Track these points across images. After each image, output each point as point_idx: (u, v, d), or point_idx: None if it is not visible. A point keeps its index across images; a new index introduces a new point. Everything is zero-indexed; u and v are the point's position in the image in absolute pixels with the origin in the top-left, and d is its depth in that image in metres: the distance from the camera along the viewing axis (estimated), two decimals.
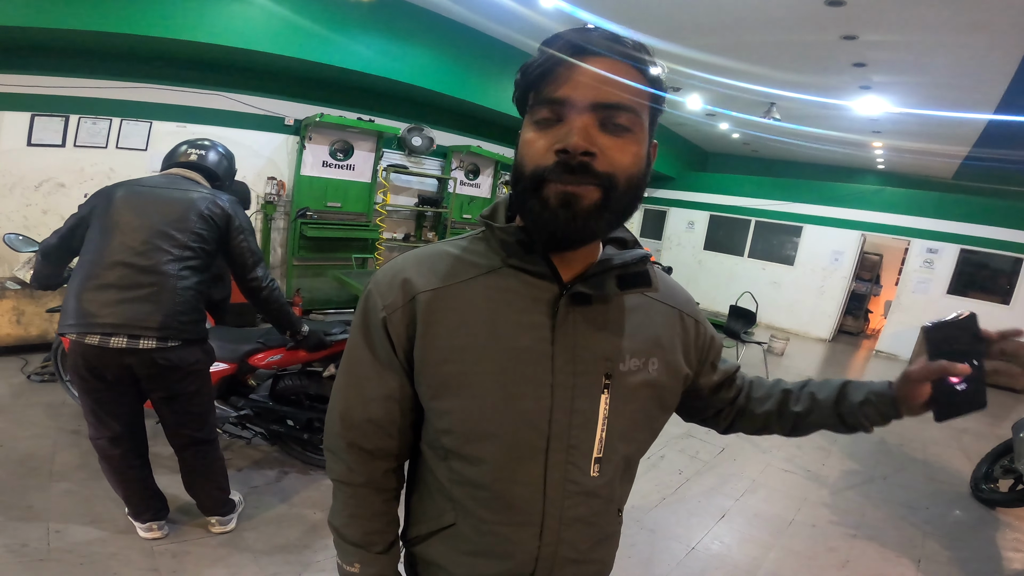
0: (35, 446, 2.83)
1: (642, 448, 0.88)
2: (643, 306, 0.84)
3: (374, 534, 0.86)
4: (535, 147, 0.69)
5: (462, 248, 0.81)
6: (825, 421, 0.92)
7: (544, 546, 0.78)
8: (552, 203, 0.68)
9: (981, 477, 3.70)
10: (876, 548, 2.95)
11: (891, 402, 0.85)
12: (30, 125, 4.36)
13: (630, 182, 0.70)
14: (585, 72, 0.67)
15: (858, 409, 0.88)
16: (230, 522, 2.41)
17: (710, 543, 2.83)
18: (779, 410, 0.95)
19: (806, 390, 0.94)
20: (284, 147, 5.82)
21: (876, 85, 5.78)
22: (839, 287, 9.25)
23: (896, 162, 9.47)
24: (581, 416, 0.76)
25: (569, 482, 0.76)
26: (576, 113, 0.67)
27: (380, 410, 0.80)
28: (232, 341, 2.79)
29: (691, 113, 8.12)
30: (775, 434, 0.99)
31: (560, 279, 0.76)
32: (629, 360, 0.79)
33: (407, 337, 0.77)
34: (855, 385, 0.90)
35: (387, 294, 0.77)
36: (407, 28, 5.44)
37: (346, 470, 0.84)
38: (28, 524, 2.24)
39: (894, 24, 4.32)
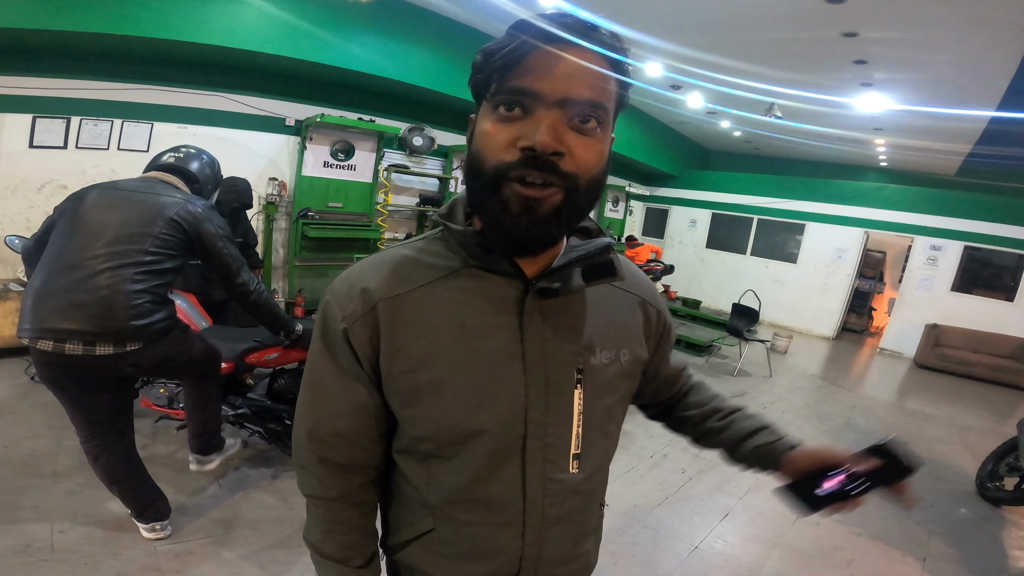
0: (38, 447, 2.83)
1: (616, 440, 0.87)
2: (610, 296, 0.82)
3: (352, 548, 0.83)
4: (496, 141, 0.65)
5: (420, 250, 0.77)
6: (728, 453, 0.96)
7: (527, 546, 0.76)
8: (513, 208, 0.65)
9: (986, 475, 3.69)
10: (881, 547, 2.94)
11: (775, 462, 0.88)
12: (32, 127, 4.36)
13: (591, 183, 0.67)
14: (557, 64, 0.63)
15: (752, 455, 0.91)
16: (210, 462, 2.46)
17: (713, 542, 2.82)
18: (698, 420, 0.99)
19: (735, 416, 0.98)
20: (285, 148, 5.82)
21: (877, 82, 5.76)
22: (842, 285, 9.23)
23: (898, 159, 9.43)
24: (556, 413, 0.74)
25: (549, 480, 0.75)
26: (544, 108, 0.63)
27: (349, 423, 0.77)
28: (229, 340, 2.79)
29: (692, 111, 8.10)
30: (685, 437, 1.03)
31: (524, 276, 0.74)
32: (600, 353, 0.78)
33: (371, 347, 0.73)
34: (768, 432, 0.92)
35: (346, 304, 0.74)
36: (407, 28, 5.44)
37: (318, 485, 0.81)
38: (32, 524, 2.25)
39: (895, 21, 4.30)
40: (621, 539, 2.74)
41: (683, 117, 8.96)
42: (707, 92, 7.08)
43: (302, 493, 0.84)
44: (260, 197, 5.69)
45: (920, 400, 6.04)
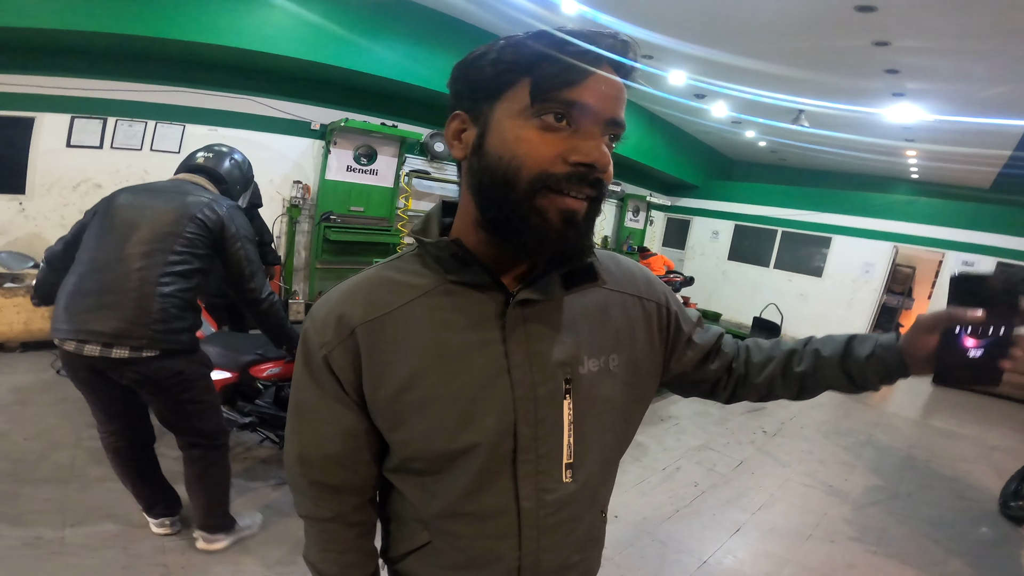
0: (57, 440, 2.92)
1: (620, 447, 0.85)
2: (598, 301, 0.80)
3: (350, 568, 0.83)
4: (540, 151, 0.63)
5: (397, 269, 0.76)
6: (832, 379, 0.85)
7: (525, 556, 0.76)
8: (553, 219, 0.64)
9: (1011, 494, 3.57)
10: (896, 566, 2.86)
11: (897, 354, 0.79)
12: (70, 126, 4.53)
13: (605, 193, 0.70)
14: (609, 85, 0.65)
15: (864, 364, 0.81)
16: (216, 541, 2.26)
17: (723, 557, 2.78)
18: (783, 372, 0.89)
19: (809, 347, 0.88)
20: (310, 151, 5.94)
21: (910, 92, 5.65)
22: (869, 300, 9.01)
23: (930, 171, 9.20)
24: (545, 426, 0.73)
25: (543, 491, 0.74)
26: (594, 124, 0.64)
27: (337, 445, 0.77)
28: (232, 349, 2.81)
29: (717, 121, 8.04)
30: (782, 398, 0.92)
31: (504, 288, 0.72)
32: (588, 361, 0.76)
33: (353, 372, 0.72)
34: (861, 338, 0.84)
35: (323, 332, 0.73)
36: (432, 34, 5.53)
37: (312, 507, 0.81)
38: (44, 517, 2.31)
39: (928, 30, 4.22)
40: (629, 551, 2.72)
41: (707, 127, 8.89)
42: (733, 101, 7.02)
43: (298, 514, 0.85)
44: (284, 200, 5.83)
45: (946, 418, 5.86)
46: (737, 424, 4.65)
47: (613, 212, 10.26)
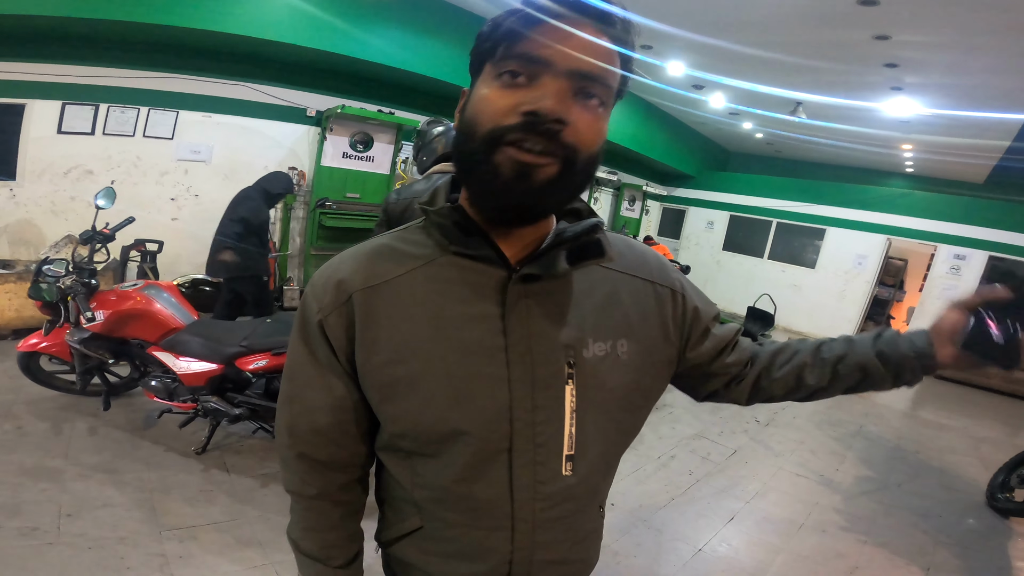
0: (51, 429, 2.92)
1: (624, 440, 0.81)
2: (606, 282, 0.76)
3: (332, 547, 0.81)
4: (496, 105, 0.62)
5: (400, 239, 0.75)
6: (865, 361, 0.80)
7: (517, 550, 0.73)
8: (505, 172, 0.61)
9: (997, 486, 3.64)
10: (886, 555, 2.92)
11: (925, 334, 0.78)
12: (61, 113, 4.47)
13: (589, 159, 0.65)
14: (569, 35, 0.60)
15: (896, 340, 0.79)
16: None
17: (717, 545, 2.83)
18: (813, 360, 0.84)
19: (838, 338, 0.86)
20: (306, 138, 5.89)
21: (908, 86, 5.66)
22: (861, 292, 9.09)
23: (925, 165, 9.25)
24: (545, 411, 0.70)
25: (539, 483, 0.71)
26: (552, 76, 0.60)
27: (326, 419, 0.75)
28: (215, 340, 2.80)
29: (714, 112, 8.02)
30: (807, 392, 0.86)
31: (507, 261, 0.69)
32: (593, 345, 0.72)
33: (347, 340, 0.71)
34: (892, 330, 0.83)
35: (322, 296, 0.71)
36: (428, 21, 5.46)
37: (299, 481, 0.79)
38: (40, 507, 2.31)
39: (929, 25, 4.22)
40: (624, 539, 2.76)
41: (704, 118, 8.87)
42: (731, 92, 7.00)
43: (285, 489, 0.83)
44: None
45: (935, 410, 5.96)
46: (730, 413, 4.70)
47: (609, 201, 10.25)
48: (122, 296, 2.89)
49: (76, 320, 2.85)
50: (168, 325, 2.86)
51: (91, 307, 2.79)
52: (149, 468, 2.71)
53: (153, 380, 2.88)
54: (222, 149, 5.35)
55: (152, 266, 4.69)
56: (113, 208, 3.14)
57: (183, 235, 5.23)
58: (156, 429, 3.06)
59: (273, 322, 2.95)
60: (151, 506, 2.43)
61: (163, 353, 2.83)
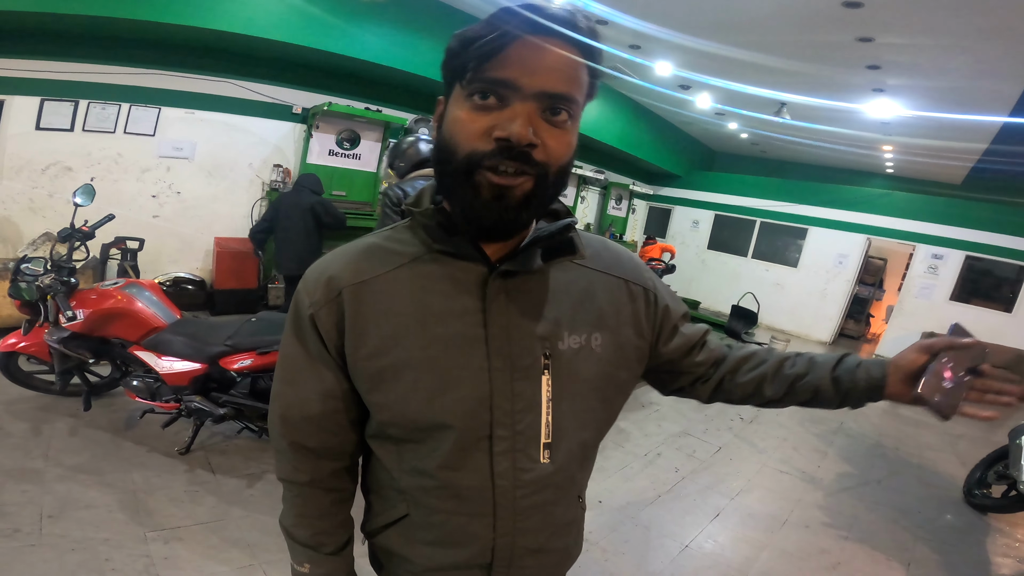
0: (30, 430, 2.86)
1: (599, 430, 0.85)
2: (582, 279, 0.80)
3: (323, 535, 0.85)
4: (470, 128, 0.65)
5: (387, 238, 0.79)
6: (820, 383, 0.86)
7: (499, 537, 0.77)
8: (484, 194, 0.66)
9: (974, 482, 3.72)
10: (867, 551, 2.98)
11: (883, 367, 0.84)
12: (39, 109, 4.38)
13: (560, 171, 0.69)
14: (536, 57, 0.63)
15: (854, 371, 0.85)
16: None
17: (704, 542, 2.86)
18: (774, 373, 0.90)
19: (803, 356, 0.91)
20: (291, 135, 5.83)
21: (889, 88, 5.75)
22: (842, 291, 9.23)
23: (905, 166, 9.42)
24: (523, 400, 0.74)
25: (519, 470, 0.75)
26: (520, 100, 0.63)
27: (318, 407, 0.78)
28: (199, 339, 2.76)
29: (700, 112, 8.09)
30: (762, 400, 0.92)
31: (487, 259, 0.74)
32: (568, 337, 0.76)
33: (337, 332, 0.75)
34: (853, 355, 0.88)
35: (313, 292, 0.75)
36: (416, 18, 5.43)
37: (291, 469, 0.83)
38: (21, 509, 2.27)
39: (912, 28, 4.29)
40: (612, 536, 2.78)
41: (690, 118, 8.94)
42: (717, 92, 7.06)
43: (277, 477, 0.87)
44: (264, 183, 5.72)
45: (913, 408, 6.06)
46: (715, 411, 4.75)
47: (596, 200, 10.29)
48: (102, 295, 2.84)
49: (55, 319, 2.80)
50: (150, 324, 2.82)
51: (71, 306, 2.74)
52: (132, 469, 2.67)
53: (135, 380, 2.83)
54: (205, 146, 5.27)
55: (133, 264, 4.62)
56: (93, 205, 3.08)
57: (165, 233, 5.15)
58: (138, 429, 3.01)
59: (258, 321, 2.92)
60: (135, 507, 2.40)
61: (145, 352, 2.78)
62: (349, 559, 0.89)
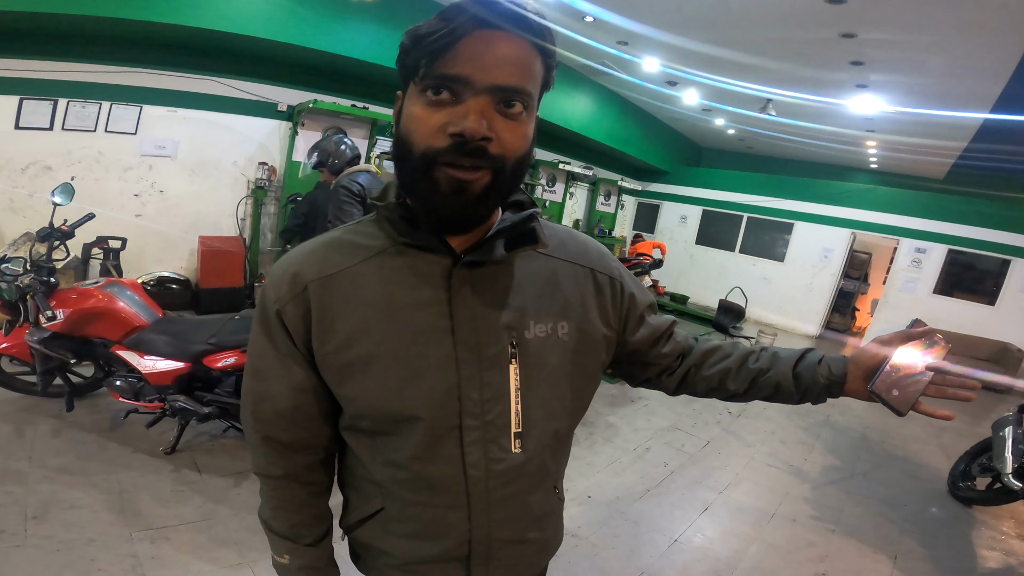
0: (13, 432, 2.81)
1: (570, 419, 0.85)
2: (547, 268, 0.81)
3: (301, 526, 0.86)
4: (425, 125, 0.65)
5: (354, 231, 0.79)
6: (782, 379, 0.89)
7: (475, 528, 0.77)
8: (443, 189, 0.66)
9: (959, 475, 3.76)
10: (854, 544, 3.01)
11: (843, 362, 0.86)
12: (18, 108, 4.31)
13: (518, 163, 0.69)
14: (486, 52, 0.63)
15: (815, 367, 0.87)
16: None
17: (692, 535, 2.88)
18: (738, 367, 0.92)
19: (767, 351, 0.93)
20: (276, 133, 5.77)
21: (872, 84, 5.81)
22: (828, 284, 9.32)
23: (889, 161, 9.52)
24: (491, 390, 0.74)
25: (491, 460, 0.75)
26: (473, 95, 0.64)
27: (289, 402, 0.78)
28: (182, 338, 2.73)
29: (687, 108, 8.12)
30: (726, 394, 0.94)
31: (452, 250, 0.74)
32: (535, 326, 0.77)
33: (304, 327, 0.74)
34: (814, 350, 0.91)
35: (279, 287, 0.75)
36: (402, 15, 5.40)
37: (265, 463, 0.84)
38: (5, 510, 2.23)
39: (894, 23, 4.33)
40: (602, 531, 2.79)
41: (677, 114, 8.97)
42: (703, 88, 7.10)
43: (253, 472, 0.87)
44: (249, 181, 5.66)
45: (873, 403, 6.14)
46: (703, 405, 4.78)
47: (585, 196, 10.31)
48: (83, 294, 2.80)
49: (36, 319, 2.75)
50: (132, 323, 2.78)
51: (51, 306, 2.69)
52: (117, 469, 2.63)
53: (118, 380, 2.79)
54: (189, 144, 5.20)
55: (115, 263, 4.55)
56: (73, 204, 3.03)
57: (147, 232, 5.08)
58: (123, 430, 2.97)
59: (241, 319, 2.89)
60: (120, 507, 2.37)
61: (127, 352, 2.74)
62: (328, 549, 0.90)
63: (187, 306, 5.25)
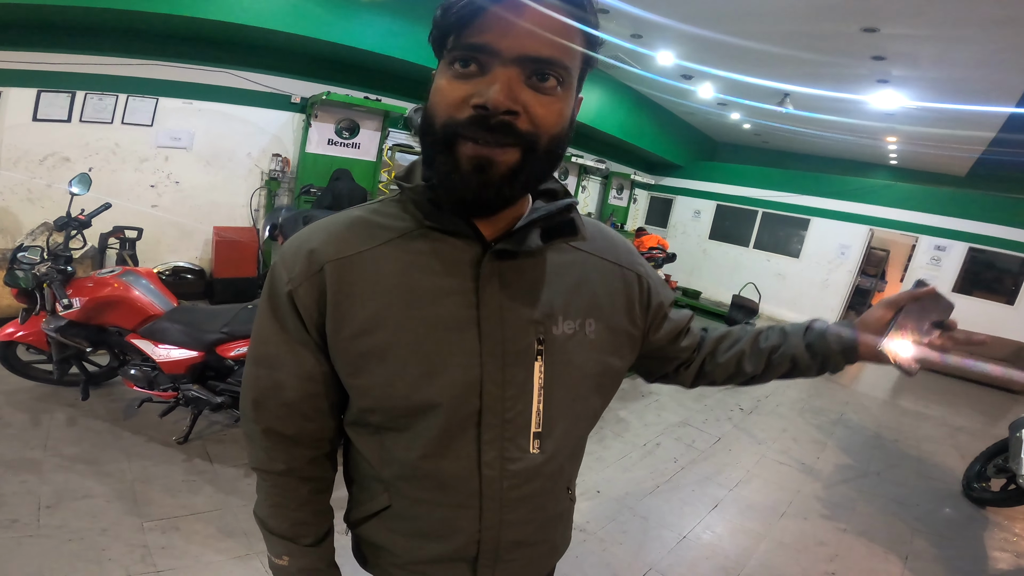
0: (29, 420, 2.86)
1: (591, 421, 0.82)
2: (577, 263, 0.77)
3: (302, 525, 0.80)
4: (449, 97, 0.61)
5: (374, 211, 0.74)
6: (795, 352, 0.86)
7: (485, 529, 0.74)
8: (464, 166, 0.62)
9: (974, 476, 3.70)
10: (865, 543, 2.98)
11: (851, 326, 0.85)
12: (36, 100, 4.37)
13: (552, 141, 0.64)
14: (515, 21, 0.59)
15: (824, 333, 0.85)
16: None
17: (702, 532, 2.86)
18: (751, 349, 0.89)
19: (775, 328, 0.91)
20: (290, 124, 5.80)
21: (894, 79, 5.69)
22: (843, 282, 9.20)
23: (909, 158, 9.34)
24: (514, 387, 0.70)
25: (507, 460, 0.71)
26: (500, 65, 0.59)
27: (296, 392, 0.73)
28: (195, 327, 2.75)
29: (702, 102, 8.02)
30: (744, 378, 0.92)
31: (482, 237, 0.69)
32: (563, 323, 0.73)
33: (317, 311, 0.69)
34: (820, 320, 0.89)
35: (292, 266, 0.70)
36: (415, 7, 5.38)
37: (265, 458, 0.78)
38: (19, 499, 2.27)
39: (917, 18, 4.23)
40: (611, 526, 2.78)
41: (692, 108, 8.87)
42: (719, 82, 7.00)
43: (250, 467, 0.81)
44: (263, 173, 5.71)
45: (914, 399, 6.06)
46: (715, 401, 4.75)
47: (597, 190, 10.25)
48: (99, 283, 2.84)
49: (52, 308, 2.79)
50: (147, 312, 2.81)
51: (67, 294, 2.73)
52: (130, 458, 2.67)
53: (132, 369, 2.83)
54: (204, 136, 5.25)
55: (131, 253, 4.61)
56: (90, 195, 3.07)
57: (163, 222, 5.14)
58: (136, 419, 3.01)
59: (254, 309, 2.90)
60: (132, 497, 2.40)
61: (142, 341, 2.78)
62: (330, 550, 0.85)
63: (201, 295, 5.31)
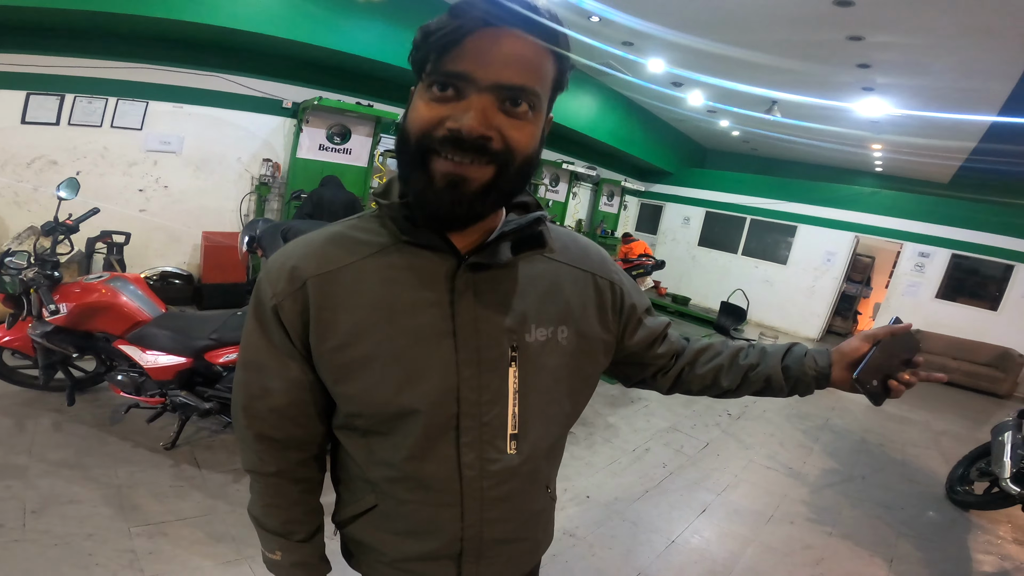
0: (12, 426, 2.83)
1: (565, 422, 0.86)
2: (549, 273, 0.81)
3: (293, 523, 0.85)
4: (426, 118, 0.65)
5: (354, 227, 0.77)
6: (771, 372, 0.91)
7: (467, 527, 0.78)
8: (438, 182, 0.65)
9: (957, 479, 3.76)
10: (850, 547, 3.01)
11: (827, 355, 0.90)
12: (25, 103, 4.33)
13: (525, 162, 0.68)
14: (491, 50, 0.62)
15: (802, 359, 0.90)
16: None
17: (690, 537, 2.88)
18: (730, 364, 0.94)
19: (755, 347, 0.96)
20: (281, 129, 5.79)
21: (879, 87, 5.79)
22: (830, 288, 9.30)
23: (894, 165, 9.49)
24: (490, 392, 0.74)
25: (486, 461, 0.75)
26: (476, 92, 0.63)
27: (284, 398, 0.77)
28: (184, 333, 2.74)
29: (692, 109, 8.11)
30: (719, 391, 0.96)
31: (456, 250, 0.73)
32: (535, 330, 0.77)
33: (301, 324, 0.73)
34: (800, 344, 0.94)
35: (276, 282, 0.74)
36: (408, 13, 5.40)
37: (257, 460, 0.82)
38: (4, 505, 2.24)
39: (902, 26, 4.32)
40: (600, 531, 2.79)
41: (682, 115, 8.96)
42: (709, 90, 7.08)
43: (243, 469, 0.86)
44: (253, 178, 5.68)
45: (897, 404, 6.12)
46: (703, 407, 4.78)
47: (588, 196, 10.31)
48: (86, 288, 2.82)
49: (39, 313, 2.77)
50: (135, 318, 2.80)
51: (54, 299, 2.71)
52: (117, 464, 2.65)
53: (119, 374, 2.81)
54: (194, 140, 5.22)
55: (119, 258, 4.58)
56: (78, 199, 3.05)
57: (151, 227, 5.10)
58: (123, 424, 2.99)
59: (243, 315, 2.89)
60: (119, 502, 2.38)
61: (129, 347, 2.76)
62: (320, 545, 0.90)
63: (189, 301, 5.27)
